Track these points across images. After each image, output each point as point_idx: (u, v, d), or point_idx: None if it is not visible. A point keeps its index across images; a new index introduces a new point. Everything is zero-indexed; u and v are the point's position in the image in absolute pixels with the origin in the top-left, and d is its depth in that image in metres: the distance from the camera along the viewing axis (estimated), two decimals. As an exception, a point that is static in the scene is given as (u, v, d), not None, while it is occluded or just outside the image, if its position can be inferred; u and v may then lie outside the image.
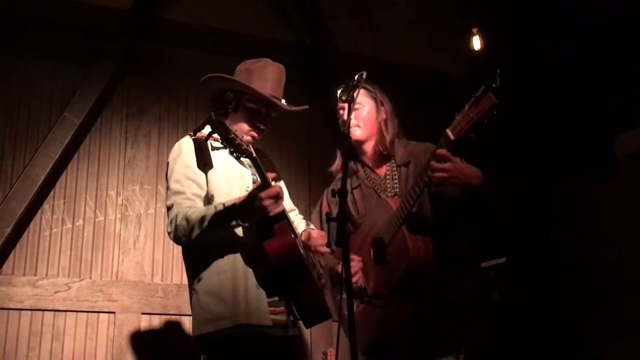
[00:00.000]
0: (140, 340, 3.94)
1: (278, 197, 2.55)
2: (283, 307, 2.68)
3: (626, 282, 4.06)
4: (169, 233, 2.65)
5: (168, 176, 2.76)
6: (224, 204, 2.58)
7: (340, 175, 2.70)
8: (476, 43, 4.88)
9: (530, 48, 4.79)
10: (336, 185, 2.74)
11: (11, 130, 3.98)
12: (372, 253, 2.76)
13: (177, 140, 2.84)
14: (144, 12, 4.34)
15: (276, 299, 2.67)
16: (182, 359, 3.82)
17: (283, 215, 2.61)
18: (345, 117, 2.83)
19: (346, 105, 2.54)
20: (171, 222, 2.63)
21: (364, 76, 2.50)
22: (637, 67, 4.13)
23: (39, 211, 3.95)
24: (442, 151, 2.42)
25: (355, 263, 2.73)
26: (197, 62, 4.45)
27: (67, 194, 4.03)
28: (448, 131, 2.41)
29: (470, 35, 4.89)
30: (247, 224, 2.60)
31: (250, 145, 2.58)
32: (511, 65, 4.78)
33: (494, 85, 2.30)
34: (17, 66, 4.06)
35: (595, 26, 4.36)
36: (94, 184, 4.09)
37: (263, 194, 2.51)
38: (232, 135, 2.47)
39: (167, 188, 2.74)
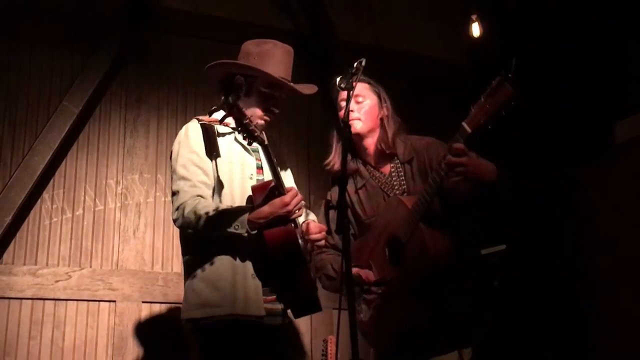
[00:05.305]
0: (141, 328, 3.95)
1: (301, 204, 2.59)
2: (274, 296, 2.66)
3: (626, 268, 4.06)
4: (174, 220, 2.62)
5: (173, 159, 2.71)
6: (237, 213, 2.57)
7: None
8: (475, 30, 4.85)
9: (529, 35, 4.77)
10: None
11: (10, 119, 3.96)
12: (387, 253, 2.71)
13: (177, 129, 2.82)
14: (142, 0, 4.31)
15: (269, 288, 2.66)
16: (183, 347, 3.83)
17: None
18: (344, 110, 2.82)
19: (346, 94, 2.52)
20: (177, 209, 2.59)
21: (363, 63, 2.47)
22: (636, 52, 4.12)
23: (39, 200, 3.94)
24: (459, 145, 2.38)
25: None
26: (196, 51, 4.43)
27: (66, 183, 4.02)
28: (464, 124, 2.36)
29: (469, 22, 4.86)
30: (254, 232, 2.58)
31: (263, 133, 2.56)
32: (511, 52, 4.77)
33: (509, 75, 2.26)
34: (15, 55, 4.03)
35: (594, 14, 4.33)
36: (93, 173, 4.08)
37: (293, 200, 2.54)
38: (247, 121, 2.45)
39: (173, 171, 2.70)
